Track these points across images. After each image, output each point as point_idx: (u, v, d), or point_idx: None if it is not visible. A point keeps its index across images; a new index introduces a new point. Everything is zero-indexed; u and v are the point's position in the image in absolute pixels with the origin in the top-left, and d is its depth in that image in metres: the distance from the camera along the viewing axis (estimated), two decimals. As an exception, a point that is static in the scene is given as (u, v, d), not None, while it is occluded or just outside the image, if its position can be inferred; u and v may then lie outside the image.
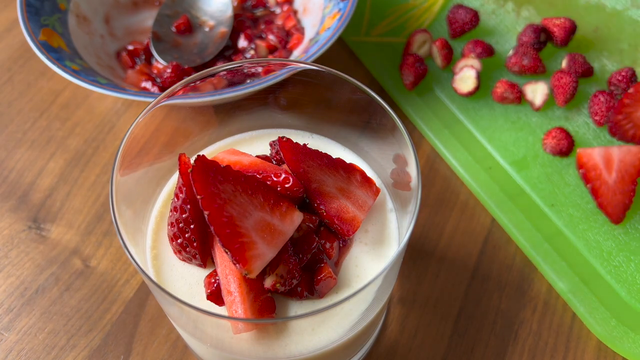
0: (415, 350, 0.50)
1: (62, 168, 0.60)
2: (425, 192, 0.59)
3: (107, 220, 0.57)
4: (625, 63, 0.67)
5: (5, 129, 0.63)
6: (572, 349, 0.51)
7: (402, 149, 0.41)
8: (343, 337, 0.40)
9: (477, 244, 0.56)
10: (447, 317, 0.52)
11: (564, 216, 0.56)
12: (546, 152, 0.61)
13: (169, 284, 0.42)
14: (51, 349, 0.50)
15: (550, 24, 0.67)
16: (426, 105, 0.64)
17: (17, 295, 0.53)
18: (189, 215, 0.39)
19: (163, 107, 0.43)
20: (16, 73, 0.68)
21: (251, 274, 0.36)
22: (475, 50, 0.66)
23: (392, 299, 0.53)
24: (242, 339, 0.39)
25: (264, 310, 0.39)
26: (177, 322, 0.42)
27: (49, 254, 0.55)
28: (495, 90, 0.64)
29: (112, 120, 0.64)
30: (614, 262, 0.54)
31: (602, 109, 0.61)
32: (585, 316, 0.51)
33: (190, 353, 0.50)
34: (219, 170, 0.36)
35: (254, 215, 0.37)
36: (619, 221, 0.56)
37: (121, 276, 0.53)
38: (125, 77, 0.64)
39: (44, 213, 0.57)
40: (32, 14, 0.62)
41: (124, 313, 0.52)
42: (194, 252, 0.40)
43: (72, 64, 0.59)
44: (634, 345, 0.50)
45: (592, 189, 0.56)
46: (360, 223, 0.42)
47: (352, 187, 0.42)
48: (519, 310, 0.52)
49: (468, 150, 0.61)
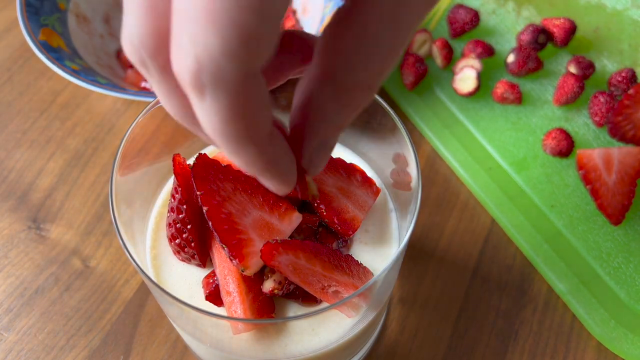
0: (415, 351, 0.50)
1: (62, 168, 0.60)
2: (425, 193, 0.59)
3: (106, 220, 0.57)
4: (625, 64, 0.67)
5: (4, 129, 0.63)
6: (573, 350, 0.51)
7: (402, 149, 0.41)
8: (343, 337, 0.39)
9: (477, 244, 0.56)
10: (447, 317, 0.52)
11: (563, 217, 0.56)
12: (546, 153, 0.61)
13: (169, 284, 0.42)
14: (51, 349, 0.50)
15: (550, 24, 0.67)
16: (426, 105, 0.64)
17: (16, 295, 0.53)
18: (185, 215, 0.39)
19: (163, 107, 0.42)
20: (16, 73, 0.68)
21: (248, 271, 0.36)
22: (475, 50, 0.66)
23: (392, 299, 0.53)
24: (242, 339, 0.39)
25: (264, 311, 0.39)
26: (176, 322, 0.42)
27: (49, 254, 0.55)
28: (495, 90, 0.64)
29: (112, 120, 0.64)
30: (613, 263, 0.54)
31: (602, 109, 0.61)
32: (584, 317, 0.51)
33: (190, 353, 0.50)
34: (220, 168, 0.37)
35: (253, 214, 0.37)
36: (619, 222, 0.56)
37: (121, 276, 0.53)
38: (125, 76, 0.64)
39: (43, 213, 0.57)
40: (32, 13, 0.62)
41: (123, 313, 0.51)
42: (192, 252, 0.40)
43: (72, 63, 0.59)
44: (633, 346, 0.50)
45: (592, 190, 0.56)
46: (360, 223, 0.42)
47: (352, 187, 0.42)
48: (519, 311, 0.52)
49: (468, 150, 0.61)
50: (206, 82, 0.20)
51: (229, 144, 0.22)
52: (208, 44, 0.19)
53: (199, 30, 0.19)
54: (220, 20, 0.19)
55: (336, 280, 0.37)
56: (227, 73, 0.20)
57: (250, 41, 0.19)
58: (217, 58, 0.19)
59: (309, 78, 0.25)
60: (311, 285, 0.37)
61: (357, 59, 0.23)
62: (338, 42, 0.24)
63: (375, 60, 0.24)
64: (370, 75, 0.24)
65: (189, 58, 0.20)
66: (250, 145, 0.23)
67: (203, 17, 0.19)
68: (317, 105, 0.25)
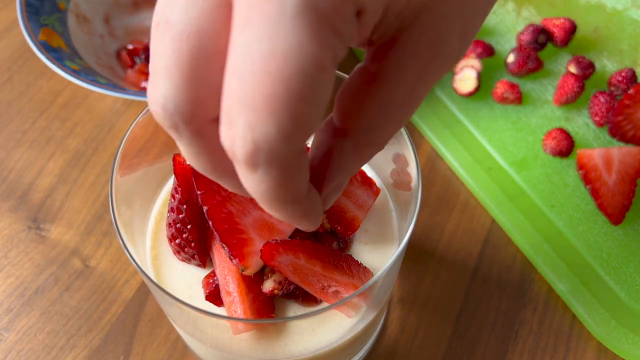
0: (415, 351, 0.50)
1: (62, 168, 0.60)
2: (426, 192, 0.59)
3: (106, 220, 0.57)
4: (625, 64, 0.67)
5: (4, 129, 0.63)
6: (573, 350, 0.51)
7: (402, 149, 0.41)
8: (343, 337, 0.39)
9: (477, 244, 0.56)
10: (447, 317, 0.52)
11: (563, 217, 0.56)
12: (546, 153, 0.61)
13: (169, 284, 0.42)
14: (51, 349, 0.50)
15: (550, 24, 0.67)
16: (426, 105, 0.64)
17: (16, 295, 0.53)
18: (185, 215, 0.39)
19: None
20: (16, 73, 0.68)
21: (248, 270, 0.36)
22: (475, 50, 0.66)
23: (392, 299, 0.53)
24: (242, 339, 0.39)
25: (264, 311, 0.39)
26: (176, 323, 0.42)
27: (49, 254, 0.55)
28: (495, 90, 0.64)
29: (112, 120, 0.64)
30: (613, 263, 0.54)
31: (602, 109, 0.61)
32: (585, 317, 0.51)
33: (190, 353, 0.50)
34: None
35: (253, 214, 0.37)
36: (619, 222, 0.56)
37: (121, 276, 0.53)
38: (125, 76, 0.64)
39: (43, 213, 0.57)
40: (32, 13, 0.62)
41: (123, 313, 0.51)
42: (192, 252, 0.40)
43: (72, 63, 0.59)
44: (633, 346, 0.50)
45: (592, 190, 0.56)
46: (360, 223, 0.42)
47: (352, 187, 0.42)
48: (519, 311, 0.52)
49: (468, 150, 0.61)
50: (260, 162, 0.21)
51: (273, 206, 0.24)
52: (265, 131, 0.20)
53: (257, 117, 0.20)
54: (278, 110, 0.20)
55: (336, 280, 0.37)
56: (282, 154, 0.21)
57: (305, 127, 0.21)
58: (273, 142, 0.21)
59: (329, 131, 0.27)
60: (311, 285, 0.37)
61: (380, 124, 0.26)
62: (361, 106, 0.26)
63: (396, 122, 0.26)
64: (389, 134, 0.27)
65: (245, 141, 0.21)
66: (293, 205, 0.25)
67: (261, 107, 0.20)
68: (337, 158, 0.27)
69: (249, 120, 0.20)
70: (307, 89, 0.20)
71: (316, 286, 0.37)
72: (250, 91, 0.20)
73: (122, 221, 0.39)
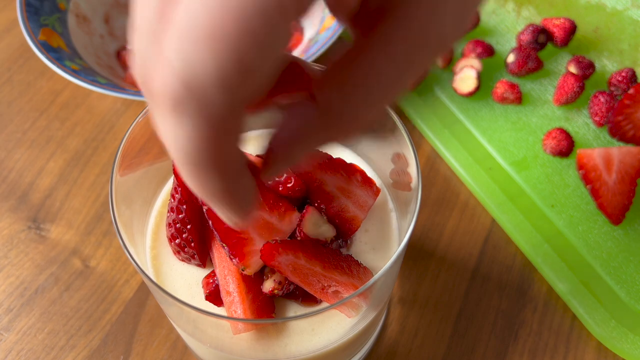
0: (415, 351, 0.50)
1: (62, 168, 0.60)
2: (426, 193, 0.59)
3: (106, 220, 0.57)
4: (625, 64, 0.67)
5: (4, 129, 0.63)
6: (573, 350, 0.51)
7: (402, 149, 0.41)
8: (343, 337, 0.39)
9: (477, 244, 0.56)
10: (448, 317, 0.52)
11: (563, 217, 0.56)
12: (546, 153, 0.61)
13: (169, 284, 0.42)
14: (51, 349, 0.50)
15: (550, 24, 0.67)
16: (426, 105, 0.64)
17: (16, 295, 0.53)
18: (185, 215, 0.39)
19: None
20: (16, 73, 0.68)
21: (248, 270, 0.36)
22: (475, 50, 0.66)
23: (392, 299, 0.53)
24: (242, 339, 0.39)
25: (264, 311, 0.39)
26: (176, 323, 0.42)
27: (49, 254, 0.55)
28: (495, 90, 0.64)
29: (112, 120, 0.64)
30: (613, 263, 0.54)
31: (602, 109, 0.61)
32: (585, 317, 0.51)
33: (190, 353, 0.50)
34: None
35: (253, 214, 0.37)
36: (619, 222, 0.56)
37: (121, 276, 0.53)
38: (125, 76, 0.64)
39: (43, 213, 0.57)
40: (32, 13, 0.62)
41: (123, 313, 0.51)
42: (192, 252, 0.40)
43: (72, 63, 0.59)
44: (633, 346, 0.50)
45: (592, 189, 0.56)
46: (360, 223, 0.42)
47: (352, 187, 0.42)
48: (519, 311, 0.52)
49: (468, 150, 0.61)
50: (187, 108, 0.18)
51: (190, 170, 0.21)
52: (200, 67, 0.17)
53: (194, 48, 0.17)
54: (219, 43, 0.17)
55: (336, 280, 0.37)
56: (214, 104, 0.18)
57: (247, 75, 0.18)
58: (207, 85, 0.18)
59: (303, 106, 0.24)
60: (311, 285, 0.37)
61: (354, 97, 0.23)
62: (339, 72, 0.23)
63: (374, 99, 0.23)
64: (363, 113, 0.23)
65: (173, 75, 0.18)
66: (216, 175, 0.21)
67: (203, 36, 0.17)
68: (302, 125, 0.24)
69: (184, 47, 0.17)
70: (260, 28, 0.17)
71: (316, 286, 0.37)
72: (193, 17, 0.17)
73: (122, 221, 0.39)
